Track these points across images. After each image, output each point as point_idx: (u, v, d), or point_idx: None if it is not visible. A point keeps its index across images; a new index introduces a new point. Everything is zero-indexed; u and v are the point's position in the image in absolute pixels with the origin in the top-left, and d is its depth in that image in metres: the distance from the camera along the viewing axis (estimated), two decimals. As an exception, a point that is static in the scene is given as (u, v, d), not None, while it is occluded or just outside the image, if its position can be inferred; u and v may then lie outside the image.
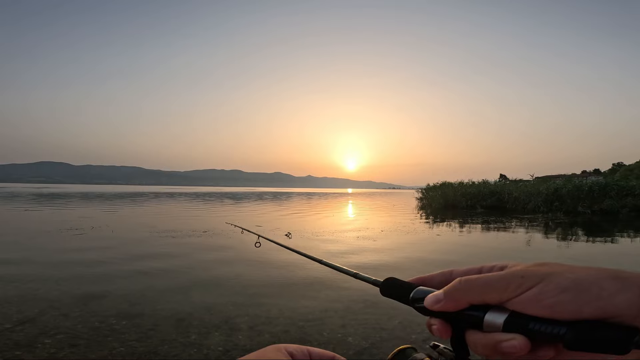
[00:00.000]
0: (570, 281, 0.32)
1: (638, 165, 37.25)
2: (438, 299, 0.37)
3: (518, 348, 0.32)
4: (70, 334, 2.96)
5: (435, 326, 0.38)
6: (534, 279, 0.33)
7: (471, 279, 0.36)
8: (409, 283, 0.44)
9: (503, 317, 0.33)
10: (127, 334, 2.97)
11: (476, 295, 0.35)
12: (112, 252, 6.24)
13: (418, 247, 7.30)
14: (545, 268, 0.34)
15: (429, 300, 0.38)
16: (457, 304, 0.36)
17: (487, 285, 0.35)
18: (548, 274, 0.33)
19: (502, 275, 0.35)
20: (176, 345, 2.79)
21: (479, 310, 0.35)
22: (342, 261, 5.40)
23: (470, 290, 0.35)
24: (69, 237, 7.85)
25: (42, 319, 3.26)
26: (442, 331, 0.38)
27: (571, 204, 17.13)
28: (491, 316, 0.34)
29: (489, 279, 0.35)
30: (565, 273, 0.32)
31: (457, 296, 0.36)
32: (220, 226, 10.23)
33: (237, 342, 2.83)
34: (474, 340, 0.35)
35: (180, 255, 6.08)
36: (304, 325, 3.15)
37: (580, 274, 0.32)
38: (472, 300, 0.35)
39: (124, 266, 5.24)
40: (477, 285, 0.35)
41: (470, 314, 0.36)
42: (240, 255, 6.15)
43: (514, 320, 0.33)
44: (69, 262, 5.43)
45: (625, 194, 16.98)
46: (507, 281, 0.34)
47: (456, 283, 0.37)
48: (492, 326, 0.34)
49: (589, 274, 0.32)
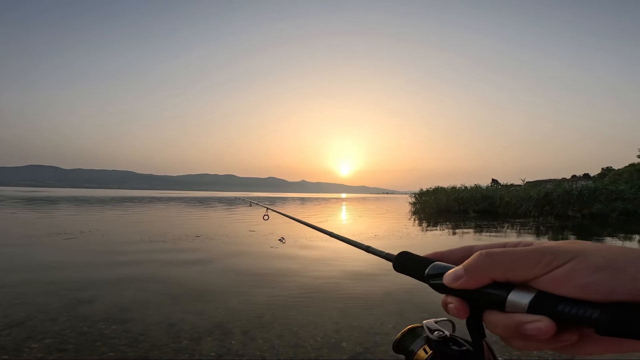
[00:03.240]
0: (604, 260, 0.30)
1: (627, 170, 37.90)
2: (458, 275, 0.34)
3: (543, 331, 0.30)
4: (58, 338, 2.90)
5: (453, 305, 0.35)
6: (565, 256, 0.30)
7: (495, 253, 0.33)
8: (425, 258, 0.41)
9: (529, 296, 0.30)
10: (117, 338, 2.91)
11: (501, 271, 0.32)
12: (101, 257, 6.14)
13: (412, 249, 7.29)
14: (577, 245, 0.31)
15: (448, 277, 0.35)
16: (479, 281, 0.33)
17: (514, 261, 0.32)
18: (581, 251, 0.30)
19: (530, 251, 0.32)
20: (167, 350, 2.73)
21: (501, 288, 0.32)
22: (337, 269, 5.38)
23: (495, 265, 0.32)
24: (57, 241, 7.71)
25: (29, 323, 3.18)
26: (460, 310, 0.34)
27: (561, 208, 17.32)
28: (515, 295, 0.31)
29: (516, 253, 0.32)
30: (600, 251, 0.30)
31: (479, 272, 0.33)
32: (213, 231, 10.14)
33: (230, 348, 2.79)
34: (494, 321, 0.32)
35: (171, 260, 6.00)
36: (298, 331, 3.11)
37: (615, 253, 0.30)
38: (496, 276, 0.32)
39: (114, 271, 5.15)
40: (503, 261, 0.32)
41: (492, 292, 0.33)
42: (232, 261, 6.10)
43: (541, 301, 0.30)
44: (57, 267, 5.32)
45: (614, 198, 17.21)
46: (536, 257, 0.31)
47: (477, 257, 0.33)
48: (516, 306, 0.31)
49: (625, 253, 0.30)
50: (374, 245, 0.55)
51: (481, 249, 0.37)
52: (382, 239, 8.85)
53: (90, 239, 8.18)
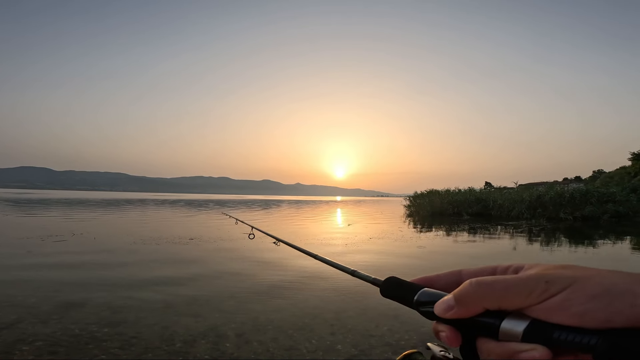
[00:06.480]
0: (600, 287, 0.29)
1: (618, 173, 38.43)
2: (449, 306, 0.33)
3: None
4: (49, 341, 2.85)
5: (444, 333, 0.34)
6: (560, 284, 0.29)
7: (486, 282, 0.32)
8: (412, 284, 0.40)
9: (523, 325, 0.30)
10: (109, 341, 2.87)
11: (493, 300, 0.31)
12: (93, 260, 6.06)
13: (406, 254, 7.32)
14: (571, 271, 0.30)
15: (439, 308, 0.34)
16: (470, 311, 0.32)
17: (507, 290, 0.31)
18: (575, 279, 0.29)
19: (523, 280, 0.31)
20: (160, 353, 2.70)
21: (494, 316, 0.31)
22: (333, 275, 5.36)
23: (487, 295, 0.32)
24: (48, 243, 7.60)
25: (19, 325, 3.13)
26: (452, 339, 0.34)
27: (553, 211, 17.48)
28: (509, 324, 0.30)
29: (508, 283, 0.31)
30: (594, 277, 0.29)
31: (471, 302, 0.32)
32: (208, 233, 10.08)
33: (225, 350, 2.76)
34: (488, 349, 0.32)
35: (164, 263, 5.95)
36: (292, 334, 3.10)
37: (611, 279, 0.29)
38: (488, 306, 0.32)
39: (105, 274, 5.08)
40: (495, 290, 0.31)
41: (485, 321, 0.32)
42: (226, 263, 6.06)
43: (536, 329, 0.29)
44: (48, 269, 5.24)
45: (605, 200, 17.42)
46: (529, 286, 0.30)
47: (468, 286, 0.33)
48: (510, 335, 0.30)
49: (621, 279, 0.29)
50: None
51: (470, 273, 0.37)
52: (376, 241, 8.84)
53: (82, 241, 8.08)
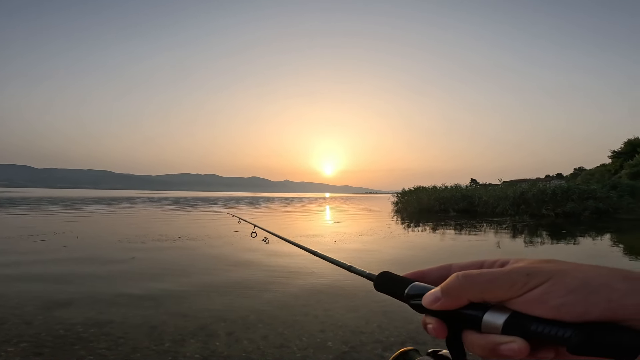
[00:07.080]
0: (578, 281, 0.30)
1: (598, 170, 39.50)
2: (436, 297, 0.35)
3: (517, 352, 0.30)
4: (34, 342, 2.79)
5: (431, 325, 0.36)
6: (539, 278, 0.31)
7: (471, 275, 0.34)
8: (404, 278, 0.41)
9: (503, 317, 0.32)
10: (96, 342, 2.82)
11: (477, 292, 0.33)
12: (77, 259, 5.93)
13: (395, 249, 7.39)
14: (551, 265, 0.32)
15: (426, 299, 0.36)
16: (455, 302, 0.34)
17: (490, 283, 0.32)
18: (554, 273, 0.31)
19: (506, 273, 0.33)
20: (149, 353, 2.67)
21: (477, 309, 0.33)
22: (323, 272, 5.38)
23: (471, 287, 0.33)
24: (30, 243, 7.40)
25: (3, 326, 3.06)
26: (439, 331, 0.35)
27: (536, 207, 17.87)
28: (490, 316, 0.32)
29: (492, 275, 0.33)
30: (573, 272, 0.31)
31: (456, 293, 0.34)
32: (195, 231, 9.98)
33: (215, 349, 2.75)
34: (471, 341, 0.33)
35: (150, 262, 5.87)
36: (283, 332, 3.10)
37: (589, 273, 0.30)
38: (472, 298, 0.33)
39: (90, 273, 4.99)
40: (479, 282, 0.33)
41: (468, 313, 0.34)
42: (215, 261, 6.01)
43: (515, 322, 0.31)
44: (30, 269, 5.11)
45: (586, 197, 17.86)
46: (511, 279, 0.32)
47: (454, 279, 0.34)
48: (491, 327, 0.32)
49: (599, 273, 0.30)
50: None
51: (459, 267, 0.38)
52: (365, 238, 8.90)
53: (64, 240, 7.89)
